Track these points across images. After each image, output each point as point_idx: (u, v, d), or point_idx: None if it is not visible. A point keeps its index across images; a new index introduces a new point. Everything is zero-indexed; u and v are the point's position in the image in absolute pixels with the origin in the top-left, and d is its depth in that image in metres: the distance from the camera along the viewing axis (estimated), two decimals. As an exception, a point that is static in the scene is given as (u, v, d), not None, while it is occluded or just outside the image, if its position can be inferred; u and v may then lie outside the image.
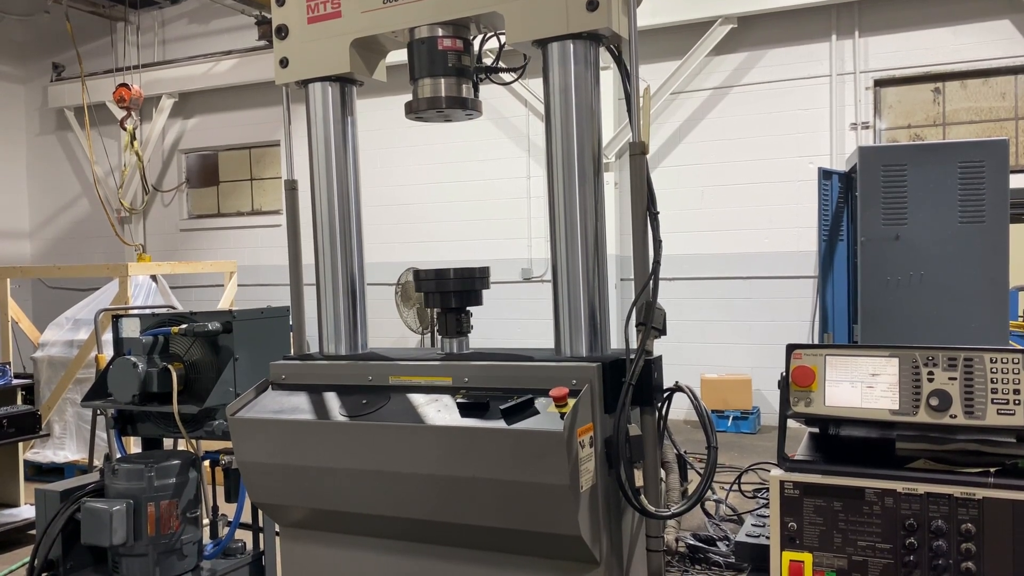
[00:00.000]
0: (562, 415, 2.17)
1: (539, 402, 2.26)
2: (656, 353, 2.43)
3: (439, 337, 2.81)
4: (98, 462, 4.98)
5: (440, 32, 2.62)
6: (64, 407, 6.93)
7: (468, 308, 2.77)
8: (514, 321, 9.26)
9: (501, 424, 2.23)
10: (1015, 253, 5.35)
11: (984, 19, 7.92)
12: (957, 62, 8.08)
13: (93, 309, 6.83)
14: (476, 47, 2.76)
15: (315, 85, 2.83)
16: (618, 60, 2.54)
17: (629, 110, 2.46)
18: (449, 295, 2.73)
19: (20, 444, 5.81)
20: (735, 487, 5.29)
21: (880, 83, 8.42)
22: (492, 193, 9.81)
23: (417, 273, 2.77)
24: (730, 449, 7.42)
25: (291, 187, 3.04)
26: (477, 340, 2.85)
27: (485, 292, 2.80)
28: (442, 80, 2.66)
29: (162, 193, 11.98)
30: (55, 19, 11.38)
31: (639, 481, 2.38)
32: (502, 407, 2.24)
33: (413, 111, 2.74)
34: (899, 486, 2.06)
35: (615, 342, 2.61)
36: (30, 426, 5.38)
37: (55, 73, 12.18)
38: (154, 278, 7.39)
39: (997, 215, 5.19)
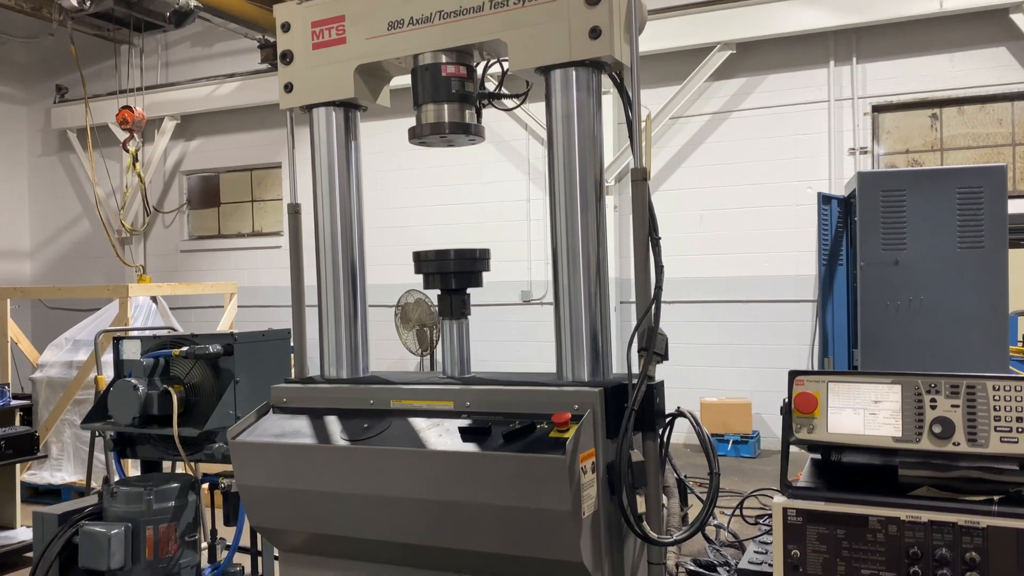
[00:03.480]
0: (564, 440, 2.17)
1: (541, 427, 2.26)
2: (657, 378, 2.43)
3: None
4: (95, 484, 4.96)
5: (444, 59, 2.65)
6: (62, 428, 6.90)
7: (468, 290, 2.78)
8: (514, 343, 9.25)
9: (503, 449, 2.23)
10: (1014, 278, 5.37)
11: (980, 46, 7.99)
12: (954, 88, 8.14)
13: (93, 330, 6.82)
14: (479, 73, 2.78)
15: (319, 110, 2.85)
16: (620, 87, 2.56)
17: (631, 136, 2.48)
18: (450, 276, 2.74)
19: (17, 466, 5.78)
20: (737, 512, 5.26)
21: (878, 108, 8.48)
22: (492, 215, 9.83)
23: (417, 255, 2.78)
24: (730, 473, 7.39)
25: (294, 210, 3.05)
26: (477, 363, 2.85)
27: (485, 314, 2.81)
28: (445, 106, 2.68)
29: (163, 214, 12.00)
30: (59, 41, 11.45)
31: (641, 507, 2.37)
32: (504, 432, 2.24)
33: (416, 136, 2.76)
34: (903, 514, 2.06)
35: (616, 365, 2.61)
36: (28, 447, 5.36)
37: (58, 95, 12.25)
38: (154, 299, 7.38)
39: (996, 240, 5.21)
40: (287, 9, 2.86)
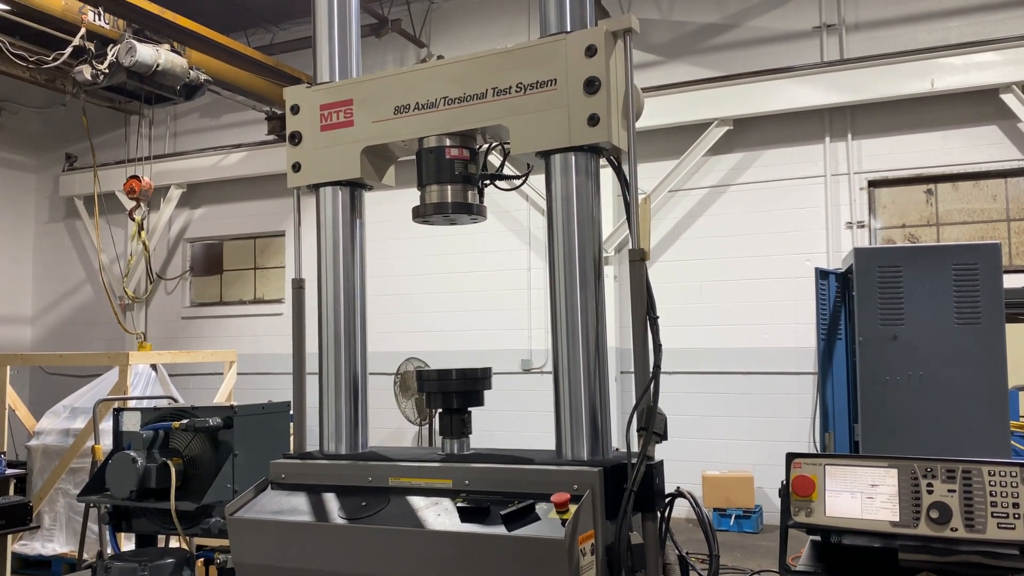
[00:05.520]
0: (563, 522, 2.17)
1: (540, 507, 2.25)
2: (657, 453, 2.43)
3: (437, 422, 2.82)
4: (87, 556, 4.89)
5: (448, 142, 2.73)
6: (56, 497, 6.82)
7: (469, 409, 2.79)
8: (514, 413, 9.21)
9: (501, 530, 2.22)
10: (1013, 353, 5.37)
11: (973, 125, 8.17)
12: (948, 165, 8.28)
13: (92, 398, 6.80)
14: (481, 155, 2.86)
15: (326, 189, 2.92)
16: (617, 171, 2.63)
17: (628, 219, 2.54)
18: (451, 395, 2.75)
19: (9, 536, 5.70)
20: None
21: (874, 184, 8.61)
22: (493, 284, 9.90)
23: (420, 374, 2.80)
24: (732, 549, 7.27)
25: (298, 286, 3.08)
26: (476, 433, 2.84)
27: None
28: (448, 187, 2.75)
29: (166, 281, 12.09)
30: (71, 111, 11.71)
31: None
32: (503, 512, 2.24)
33: (420, 215, 2.83)
34: (903, 600, 2.04)
35: (615, 437, 2.60)
36: (21, 518, 5.29)
37: (67, 163, 12.47)
38: (154, 367, 7.38)
39: (992, 316, 5.22)
40: (297, 92, 2.96)
